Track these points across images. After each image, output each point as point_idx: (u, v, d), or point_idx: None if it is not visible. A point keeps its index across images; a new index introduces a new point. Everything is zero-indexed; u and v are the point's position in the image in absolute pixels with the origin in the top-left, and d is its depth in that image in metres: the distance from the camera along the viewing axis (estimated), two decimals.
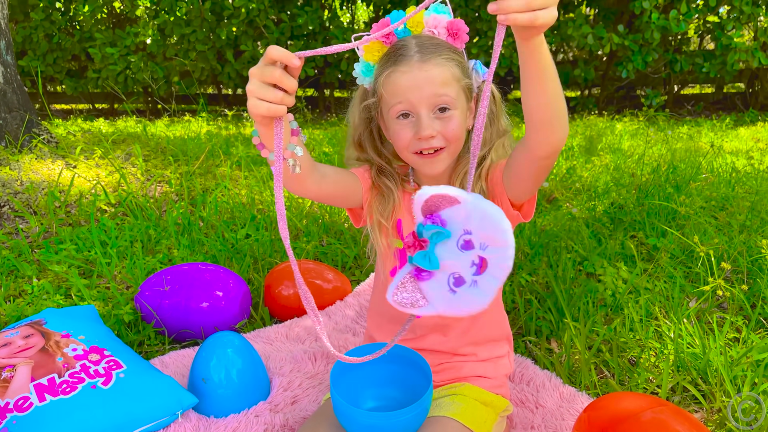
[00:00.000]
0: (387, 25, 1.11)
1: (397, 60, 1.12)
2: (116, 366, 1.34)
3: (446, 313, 0.81)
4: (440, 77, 1.11)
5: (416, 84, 1.10)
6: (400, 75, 1.11)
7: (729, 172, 3.57)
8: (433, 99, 1.11)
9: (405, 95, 1.11)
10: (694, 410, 1.48)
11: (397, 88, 1.12)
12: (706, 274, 2.17)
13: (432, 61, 1.10)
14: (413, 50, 1.11)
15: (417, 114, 1.12)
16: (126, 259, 2.26)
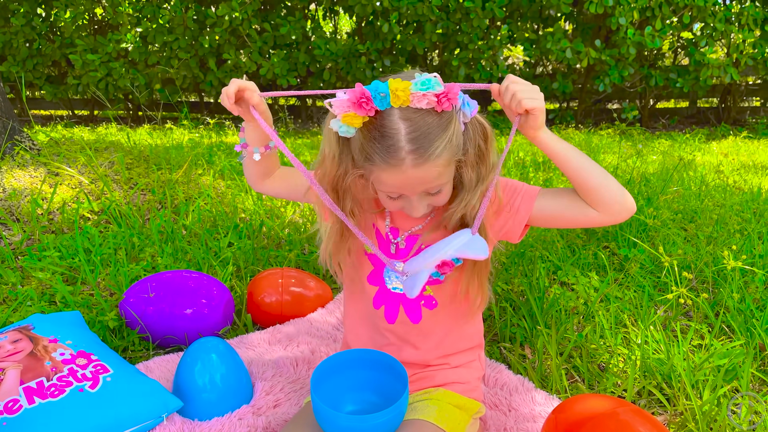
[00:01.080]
0: (365, 97, 1.01)
1: (386, 160, 1.03)
2: (103, 370, 1.38)
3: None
4: (433, 176, 1.06)
5: (409, 185, 1.07)
6: (392, 176, 1.05)
7: (698, 186, 3.69)
8: (425, 189, 1.10)
9: (397, 189, 1.09)
10: (659, 413, 1.56)
11: (387, 185, 1.08)
12: (673, 284, 2.26)
13: (426, 164, 1.03)
14: (404, 150, 1.02)
15: (408, 198, 1.12)
16: (110, 266, 2.29)
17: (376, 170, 1.05)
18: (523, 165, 4.34)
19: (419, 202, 1.11)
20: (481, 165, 1.14)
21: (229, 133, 6.78)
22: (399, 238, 1.29)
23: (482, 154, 1.14)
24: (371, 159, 1.04)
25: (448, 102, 1.02)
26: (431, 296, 1.31)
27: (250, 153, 1.28)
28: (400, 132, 1.01)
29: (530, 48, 7.75)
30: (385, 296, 1.33)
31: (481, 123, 1.14)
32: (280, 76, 7.51)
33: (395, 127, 1.01)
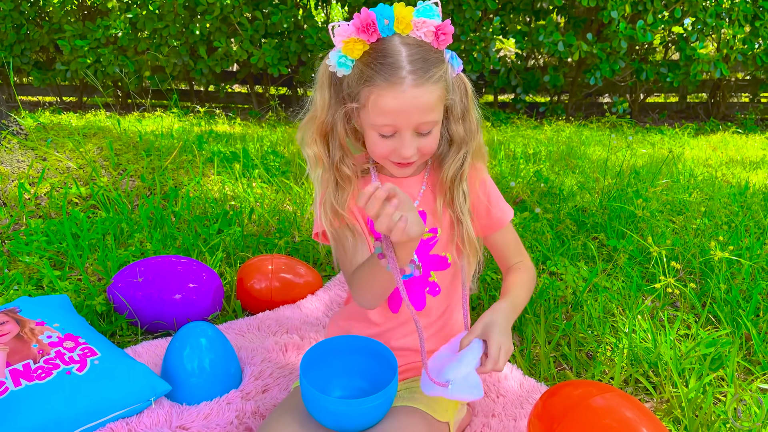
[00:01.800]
0: (370, 20, 1.06)
1: (387, 78, 1.06)
2: (91, 353, 1.37)
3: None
4: (430, 103, 1.09)
5: (406, 110, 1.08)
6: (390, 100, 1.07)
7: (687, 179, 3.71)
8: (418, 125, 1.11)
9: (392, 119, 1.10)
10: (645, 400, 1.57)
11: (385, 112, 1.09)
12: (661, 274, 2.28)
13: (425, 85, 1.07)
14: (405, 70, 1.06)
15: (400, 134, 1.12)
16: (98, 251, 2.27)
17: (375, 93, 1.08)
18: (514, 156, 4.34)
19: (411, 140, 1.12)
20: (466, 122, 1.22)
21: (219, 122, 6.74)
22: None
23: (465, 110, 1.22)
24: (371, 80, 1.07)
25: (444, 37, 1.10)
26: (435, 282, 1.32)
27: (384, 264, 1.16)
28: (401, 53, 1.06)
29: (522, 40, 7.75)
30: None
31: (464, 81, 1.21)
32: (271, 65, 7.46)
33: (397, 49, 1.07)
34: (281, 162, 3.64)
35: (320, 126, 1.19)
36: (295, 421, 1.17)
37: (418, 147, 1.14)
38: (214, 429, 1.34)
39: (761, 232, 2.78)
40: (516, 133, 6.09)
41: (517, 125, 6.89)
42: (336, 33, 1.09)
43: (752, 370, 1.67)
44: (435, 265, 1.31)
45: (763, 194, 3.45)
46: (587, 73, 7.65)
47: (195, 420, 1.37)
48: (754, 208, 3.17)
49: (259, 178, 3.23)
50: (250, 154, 3.55)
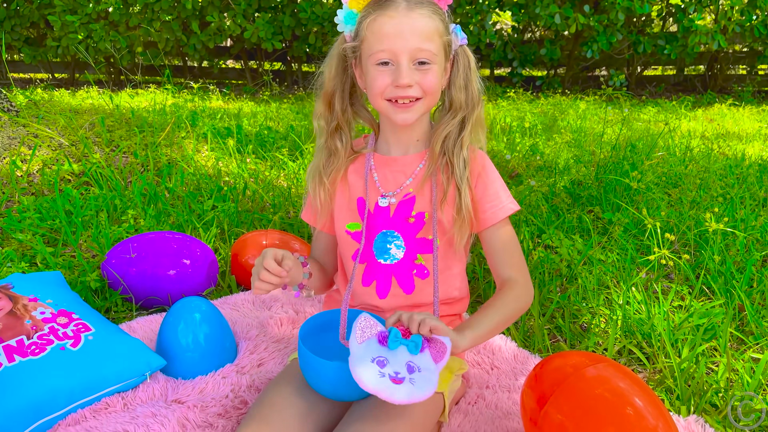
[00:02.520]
0: None
1: (383, 5, 1.14)
2: (85, 329, 1.37)
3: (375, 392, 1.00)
4: (425, 28, 1.14)
5: (401, 31, 1.13)
6: (386, 20, 1.14)
7: (683, 151, 3.70)
8: (415, 50, 1.15)
9: (388, 42, 1.14)
10: (638, 371, 1.58)
11: (381, 34, 1.14)
12: (655, 247, 2.28)
13: (418, 10, 1.14)
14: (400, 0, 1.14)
15: (397, 62, 1.16)
16: (91, 228, 2.26)
17: (371, 19, 1.15)
18: (510, 130, 4.32)
19: (408, 67, 1.15)
20: (468, 91, 1.26)
21: (213, 98, 6.68)
22: (390, 193, 1.28)
23: (468, 80, 1.26)
24: (368, 14, 1.15)
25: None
26: (422, 265, 1.31)
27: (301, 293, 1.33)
28: None
29: (518, 13, 7.66)
30: (375, 271, 1.32)
31: (467, 53, 1.27)
32: (265, 39, 7.38)
33: None
34: (276, 137, 3.61)
35: (326, 95, 1.27)
36: (293, 392, 1.17)
37: (417, 81, 1.17)
38: (210, 402, 1.35)
39: (756, 204, 2.78)
40: (512, 107, 6.05)
41: (514, 99, 6.84)
42: None
43: (745, 340, 1.68)
44: (422, 248, 1.30)
45: (759, 166, 3.44)
46: (584, 45, 7.59)
47: (190, 394, 1.38)
48: (750, 180, 3.17)
49: (253, 153, 3.21)
50: (243, 130, 3.53)
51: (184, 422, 1.28)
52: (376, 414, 1.10)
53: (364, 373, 1.02)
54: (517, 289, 1.24)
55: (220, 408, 1.34)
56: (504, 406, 1.38)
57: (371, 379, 1.02)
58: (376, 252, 1.32)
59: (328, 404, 1.18)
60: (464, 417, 1.34)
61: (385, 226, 1.30)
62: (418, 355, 1.08)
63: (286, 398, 1.16)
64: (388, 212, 1.29)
